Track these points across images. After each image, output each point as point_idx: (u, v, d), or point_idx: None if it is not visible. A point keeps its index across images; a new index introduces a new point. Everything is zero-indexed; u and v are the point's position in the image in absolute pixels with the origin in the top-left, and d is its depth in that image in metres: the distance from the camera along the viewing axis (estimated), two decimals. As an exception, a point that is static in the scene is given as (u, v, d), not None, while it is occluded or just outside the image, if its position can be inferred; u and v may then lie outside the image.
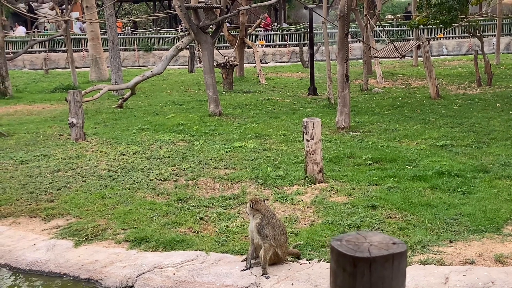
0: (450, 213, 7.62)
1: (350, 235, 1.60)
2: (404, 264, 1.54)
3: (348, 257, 1.49)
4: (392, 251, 1.51)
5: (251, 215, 6.47)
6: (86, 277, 6.63)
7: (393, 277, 1.52)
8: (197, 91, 22.06)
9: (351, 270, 1.50)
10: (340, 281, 1.53)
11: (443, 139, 11.96)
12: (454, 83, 21.83)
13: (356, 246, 1.54)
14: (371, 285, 1.51)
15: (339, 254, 1.51)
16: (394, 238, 1.57)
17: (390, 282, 1.52)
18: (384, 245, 1.54)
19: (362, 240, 1.57)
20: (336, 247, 1.53)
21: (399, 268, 1.53)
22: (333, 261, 1.55)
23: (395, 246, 1.54)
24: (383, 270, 1.50)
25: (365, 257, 1.49)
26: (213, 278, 6.29)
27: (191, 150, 11.82)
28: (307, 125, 9.12)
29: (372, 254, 1.50)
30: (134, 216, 8.05)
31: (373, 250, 1.52)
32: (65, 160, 11.20)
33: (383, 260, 1.50)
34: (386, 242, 1.56)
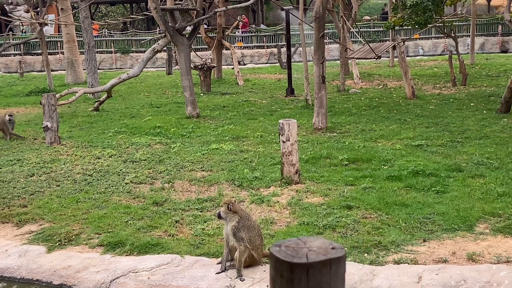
0: (424, 212, 7.68)
1: (290, 240, 1.59)
2: (342, 269, 1.54)
3: (286, 263, 1.48)
4: (330, 256, 1.50)
5: (226, 218, 6.44)
6: (59, 283, 6.55)
7: (331, 282, 1.51)
8: (175, 93, 21.98)
9: (288, 276, 1.49)
10: (278, 287, 1.52)
11: (418, 139, 12.05)
12: (429, 83, 22.00)
13: (295, 251, 1.53)
14: None
15: (277, 260, 1.50)
16: (334, 243, 1.56)
17: (327, 287, 1.51)
18: (323, 250, 1.53)
19: (302, 245, 1.56)
20: (275, 253, 1.52)
21: (337, 273, 1.52)
22: (272, 267, 1.54)
23: (334, 251, 1.53)
24: (320, 275, 1.49)
25: (302, 262, 1.48)
26: (188, 281, 6.26)
27: (167, 153, 11.77)
28: (283, 126, 9.13)
29: (310, 260, 1.49)
30: (109, 220, 7.98)
31: (311, 255, 1.51)
32: (39, 164, 11.08)
33: (320, 266, 1.49)
34: (325, 247, 1.55)
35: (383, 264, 6.26)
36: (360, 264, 6.24)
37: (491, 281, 5.62)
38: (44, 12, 26.59)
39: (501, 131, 12.45)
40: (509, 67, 24.89)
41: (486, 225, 7.23)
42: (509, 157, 10.22)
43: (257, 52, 38.56)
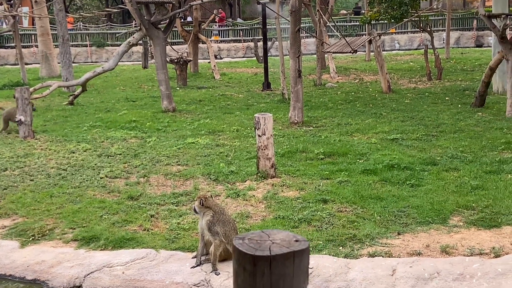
0: (398, 206, 7.73)
1: (254, 233, 1.58)
2: (306, 261, 1.53)
3: (248, 256, 1.46)
4: (293, 249, 1.49)
5: (201, 212, 6.42)
6: (32, 278, 6.47)
7: (294, 275, 1.50)
8: (151, 87, 21.83)
9: (251, 269, 1.47)
10: (241, 280, 1.50)
11: (394, 132, 12.13)
12: (405, 77, 22.16)
13: (258, 244, 1.51)
14: (271, 284, 1.48)
15: (239, 253, 1.49)
16: (297, 236, 1.55)
17: (291, 280, 1.50)
18: (286, 242, 1.52)
19: (265, 238, 1.55)
20: (238, 246, 1.50)
21: (300, 265, 1.51)
22: (235, 260, 1.52)
23: (297, 244, 1.52)
24: (283, 268, 1.48)
25: (265, 255, 1.47)
26: (163, 276, 6.23)
27: (143, 147, 11.69)
28: (259, 120, 9.12)
29: (273, 253, 1.48)
30: (83, 215, 7.91)
31: (274, 248, 1.50)
32: (13, 158, 10.93)
33: (283, 258, 1.48)
34: (288, 239, 1.54)
35: (358, 257, 6.29)
36: (335, 258, 6.26)
37: (464, 273, 5.68)
38: (17, 5, 26.16)
39: (475, 125, 12.59)
40: (484, 61, 25.16)
41: (460, 218, 7.31)
42: (483, 151, 10.34)
43: (234, 46, 38.48)
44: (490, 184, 8.44)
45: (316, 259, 6.27)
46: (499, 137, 11.27)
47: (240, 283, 1.51)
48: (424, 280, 5.62)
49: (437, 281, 5.60)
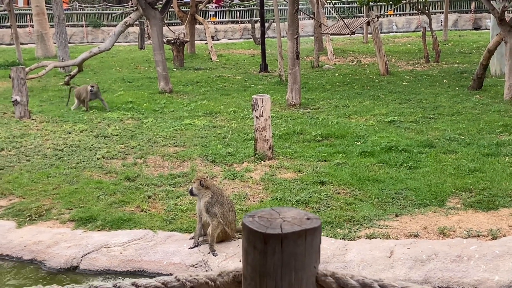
0: (396, 188, 7.73)
1: (264, 211, 1.55)
2: (318, 240, 1.50)
3: (259, 234, 1.44)
4: (305, 227, 1.47)
5: (199, 194, 6.40)
6: (30, 258, 6.46)
7: (306, 253, 1.48)
8: (147, 68, 21.73)
9: (262, 247, 1.45)
10: (251, 259, 1.48)
11: (391, 115, 12.10)
12: (403, 60, 22.10)
13: (268, 222, 1.48)
14: (282, 262, 1.46)
15: (250, 231, 1.46)
16: (309, 214, 1.52)
17: (302, 259, 1.48)
18: (298, 220, 1.49)
19: (276, 216, 1.52)
20: (248, 224, 1.48)
21: (312, 244, 1.49)
22: (245, 238, 1.50)
23: (309, 222, 1.49)
24: (295, 246, 1.46)
25: (276, 233, 1.44)
26: (161, 256, 6.23)
27: (140, 128, 11.65)
28: (257, 102, 9.07)
29: (284, 231, 1.45)
30: (80, 196, 7.88)
31: (286, 226, 1.47)
32: (9, 139, 10.87)
33: (295, 237, 1.46)
34: (300, 217, 1.51)
35: (355, 239, 6.30)
36: (333, 239, 6.27)
37: (461, 255, 5.69)
38: (12, -16, 25.93)
39: (473, 108, 12.57)
40: (481, 44, 25.09)
41: (457, 200, 7.31)
42: (480, 133, 10.33)
43: (231, 27, 38.28)
44: (488, 167, 8.43)
45: (313, 240, 6.26)
46: (496, 119, 11.26)
47: (250, 262, 1.48)
48: (421, 261, 5.63)
49: (434, 262, 5.60)
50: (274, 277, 1.46)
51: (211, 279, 1.53)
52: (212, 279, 1.53)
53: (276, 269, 1.46)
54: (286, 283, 1.47)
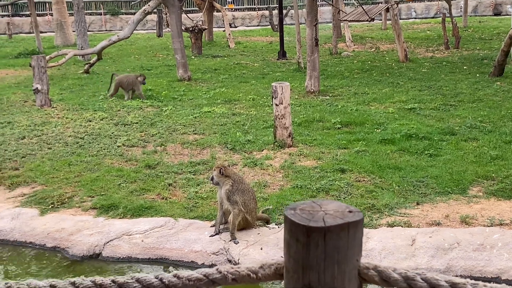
0: (417, 176, 7.68)
1: (305, 203, 1.55)
2: (360, 233, 1.50)
3: (302, 226, 1.44)
4: (348, 220, 1.46)
5: (220, 181, 6.42)
6: (53, 246, 6.53)
7: (348, 246, 1.47)
8: (166, 56, 21.76)
9: (305, 240, 1.44)
10: (294, 252, 1.48)
11: (411, 102, 12.02)
12: (422, 46, 21.90)
13: (311, 215, 1.48)
14: (325, 255, 1.46)
15: (292, 224, 1.46)
16: (350, 206, 1.52)
17: (345, 252, 1.48)
18: (340, 213, 1.49)
19: (317, 208, 1.51)
20: (290, 217, 1.47)
21: (355, 237, 1.49)
22: (286, 231, 1.50)
23: (351, 215, 1.49)
24: (338, 239, 1.45)
25: (319, 226, 1.44)
26: (182, 244, 6.26)
27: (159, 116, 11.69)
28: (276, 89, 9.06)
29: (327, 224, 1.45)
30: (102, 183, 7.94)
31: (328, 219, 1.47)
32: (30, 127, 10.97)
33: (338, 229, 1.45)
34: (342, 210, 1.50)
35: (376, 227, 6.28)
36: (354, 227, 6.24)
37: (484, 244, 5.65)
38: (31, -28, 26.03)
39: (494, 94, 12.44)
40: (502, 30, 24.77)
41: (479, 188, 7.25)
42: (502, 120, 10.22)
43: (249, 15, 38.17)
44: (510, 154, 8.35)
45: (334, 228, 6.26)
46: (518, 107, 11.14)
47: (293, 254, 1.48)
48: (444, 250, 5.60)
49: (457, 251, 5.57)
50: (317, 270, 1.46)
51: (253, 271, 1.53)
52: (254, 272, 1.53)
53: (319, 262, 1.46)
54: (329, 276, 1.47)
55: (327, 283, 1.47)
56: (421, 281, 1.40)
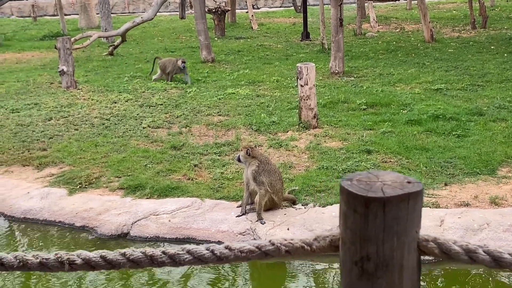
0: (445, 157, 7.61)
1: (361, 174, 1.52)
2: (420, 204, 1.48)
3: (360, 197, 1.41)
4: (408, 190, 1.44)
5: (246, 162, 6.42)
6: (81, 225, 6.62)
7: (408, 218, 1.46)
8: (189, 37, 21.74)
9: (363, 211, 1.42)
10: (351, 223, 1.46)
11: (438, 82, 11.87)
12: (448, 26, 21.57)
13: (368, 185, 1.46)
14: (384, 226, 1.44)
15: (349, 195, 1.43)
16: (408, 177, 1.49)
17: (404, 223, 1.46)
18: (399, 184, 1.46)
19: (374, 179, 1.49)
20: (347, 187, 1.45)
21: (414, 208, 1.46)
22: (343, 202, 1.47)
23: (411, 185, 1.46)
24: (398, 210, 1.43)
25: (378, 197, 1.42)
26: (209, 224, 6.29)
27: (183, 98, 11.70)
28: (301, 70, 9.00)
29: (386, 194, 1.43)
30: (128, 164, 8.00)
31: (387, 189, 1.44)
32: (57, 108, 11.07)
33: (398, 200, 1.43)
34: (400, 181, 1.48)
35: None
36: (381, 208, 6.21)
37: (514, 225, 5.59)
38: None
39: (523, 75, 12.23)
40: (530, 9, 24.29)
41: (509, 168, 7.16)
42: (531, 101, 10.05)
43: (271, -4, 37.88)
44: (540, 135, 8.22)
45: (361, 209, 6.24)
46: (548, 87, 10.94)
47: (350, 225, 1.46)
48: (473, 231, 5.55)
49: (486, 232, 5.52)
50: (376, 241, 1.45)
51: (307, 243, 1.52)
52: (308, 244, 1.52)
53: (377, 234, 1.44)
54: (388, 248, 1.45)
55: (385, 255, 1.46)
56: (483, 254, 1.38)
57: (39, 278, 5.70)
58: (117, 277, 5.69)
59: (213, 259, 1.54)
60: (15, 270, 1.74)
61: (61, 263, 1.67)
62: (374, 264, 1.49)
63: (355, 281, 1.54)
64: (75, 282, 5.66)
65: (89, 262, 1.68)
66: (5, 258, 1.71)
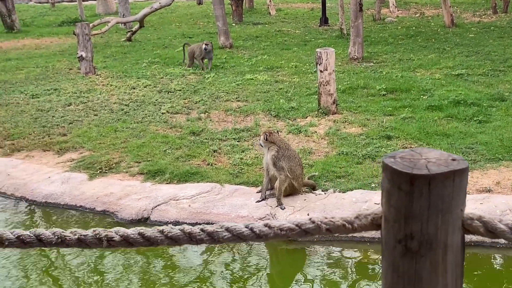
0: (466, 142, 7.53)
1: (404, 152, 1.50)
2: (465, 182, 1.45)
3: (405, 174, 1.39)
4: (453, 168, 1.41)
5: (265, 147, 6.41)
6: (102, 209, 6.66)
7: (453, 196, 1.43)
8: (206, 23, 21.69)
9: (408, 188, 1.40)
10: (395, 200, 1.44)
11: (459, 68, 11.74)
12: (469, 11, 21.30)
13: (412, 163, 1.43)
14: (429, 204, 1.42)
15: (393, 172, 1.41)
16: (453, 155, 1.47)
17: (450, 201, 1.43)
18: (443, 161, 1.44)
19: (418, 156, 1.47)
20: (390, 164, 1.43)
21: (460, 186, 1.44)
22: (387, 179, 1.45)
23: (456, 163, 1.44)
24: (443, 188, 1.41)
25: (424, 174, 1.40)
26: (229, 209, 6.30)
27: (202, 83, 11.69)
28: (321, 55, 8.94)
29: (431, 171, 1.40)
30: (147, 149, 8.02)
31: (432, 167, 1.42)
32: (76, 94, 11.12)
33: (443, 178, 1.40)
34: (444, 158, 1.45)
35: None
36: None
37: (537, 211, 5.53)
38: None
39: (545, 60, 12.05)
40: (552, -6, 23.85)
41: (531, 155, 7.07)
42: (554, 87, 9.91)
43: (289, -19, 37.61)
44: None
45: (382, 195, 6.20)
46: None
47: (394, 203, 1.44)
48: (496, 217, 5.49)
49: (509, 217, 5.45)
50: (420, 219, 1.43)
51: (348, 221, 1.50)
52: (349, 222, 1.50)
53: (422, 211, 1.42)
54: (432, 225, 1.43)
55: (430, 233, 1.44)
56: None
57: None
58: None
59: (252, 237, 1.53)
60: (53, 246, 1.75)
61: (99, 240, 1.68)
62: (418, 242, 1.48)
63: (398, 259, 1.52)
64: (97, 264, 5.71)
65: (127, 239, 1.68)
66: (43, 234, 1.71)
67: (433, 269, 1.49)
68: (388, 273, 1.54)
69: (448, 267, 1.50)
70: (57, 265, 5.76)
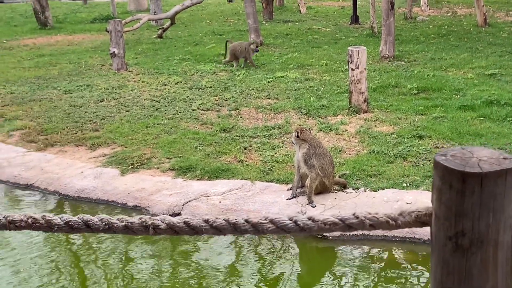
0: (499, 143, 7.44)
1: (454, 149, 1.51)
2: None
3: (456, 172, 1.40)
4: (505, 166, 1.43)
5: (297, 144, 6.42)
6: (134, 205, 6.73)
7: (505, 194, 1.44)
8: (237, 21, 21.73)
9: (459, 186, 1.41)
10: (446, 198, 1.44)
11: (492, 67, 11.58)
12: (502, 10, 20.99)
13: (464, 161, 1.44)
14: (481, 202, 1.43)
15: (445, 170, 1.42)
16: (504, 153, 1.48)
17: (502, 200, 1.44)
18: (495, 160, 1.45)
19: (469, 155, 1.48)
20: (442, 162, 1.44)
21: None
22: (438, 177, 1.46)
23: (507, 161, 1.45)
24: (495, 186, 1.42)
25: (476, 172, 1.41)
26: (259, 206, 6.32)
27: (232, 80, 11.73)
28: (352, 53, 8.91)
29: (483, 170, 1.42)
30: (179, 145, 8.08)
31: (484, 165, 1.43)
32: (108, 90, 11.25)
33: (495, 176, 1.42)
34: (496, 157, 1.46)
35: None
36: (434, 194, 6.12)
37: None
38: None
39: None
40: None
41: None
42: None
43: (319, -21, 37.49)
44: None
45: (414, 194, 6.18)
46: None
47: (445, 201, 1.46)
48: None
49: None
50: (471, 217, 1.45)
51: (392, 218, 1.52)
52: (393, 219, 1.52)
53: (474, 210, 1.44)
54: (484, 224, 1.45)
55: (481, 232, 1.45)
56: None
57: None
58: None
59: (295, 230, 1.55)
60: (100, 232, 1.80)
61: (145, 227, 1.72)
62: (469, 239, 1.49)
63: (448, 256, 1.54)
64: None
65: (173, 227, 1.72)
66: (91, 220, 1.76)
67: (484, 266, 1.50)
68: (437, 270, 1.55)
69: (499, 264, 1.51)
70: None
